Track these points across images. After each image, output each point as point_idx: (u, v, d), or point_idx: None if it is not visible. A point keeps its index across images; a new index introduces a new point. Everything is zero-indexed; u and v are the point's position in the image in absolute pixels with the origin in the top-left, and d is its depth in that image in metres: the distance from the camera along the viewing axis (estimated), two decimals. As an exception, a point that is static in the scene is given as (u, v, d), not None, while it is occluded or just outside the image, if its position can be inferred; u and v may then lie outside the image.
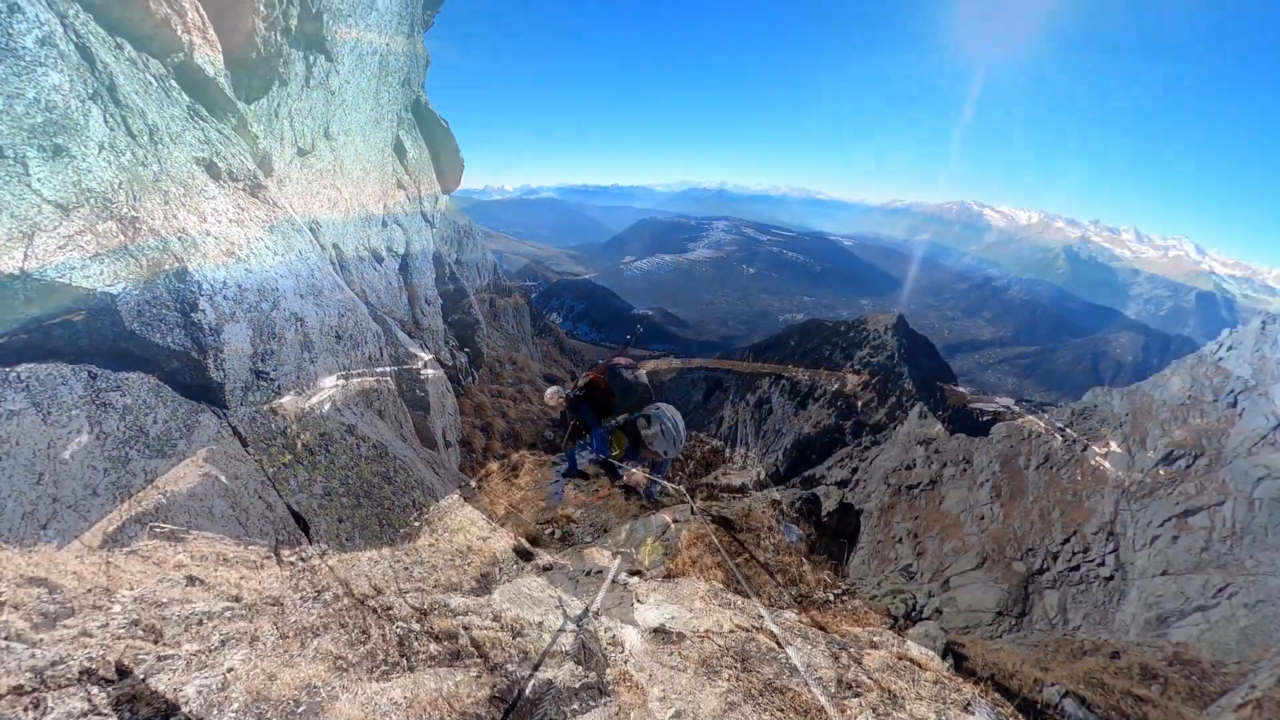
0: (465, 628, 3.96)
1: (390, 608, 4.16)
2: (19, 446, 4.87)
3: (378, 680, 3.22)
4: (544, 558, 7.31)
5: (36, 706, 2.19)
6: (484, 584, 6.49)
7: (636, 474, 10.46)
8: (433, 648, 3.63)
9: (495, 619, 4.27)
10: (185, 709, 2.45)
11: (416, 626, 3.84)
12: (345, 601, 4.26)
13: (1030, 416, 24.02)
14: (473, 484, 14.65)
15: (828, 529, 8.42)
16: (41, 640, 2.75)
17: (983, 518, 20.24)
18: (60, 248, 5.75)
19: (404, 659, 3.49)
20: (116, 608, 3.30)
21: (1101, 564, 15.90)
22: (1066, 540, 17.03)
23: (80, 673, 2.46)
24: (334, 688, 3.00)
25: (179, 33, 9.45)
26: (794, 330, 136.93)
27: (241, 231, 8.64)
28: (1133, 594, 14.56)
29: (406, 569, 6.53)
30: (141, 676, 2.59)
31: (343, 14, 16.62)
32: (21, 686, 2.27)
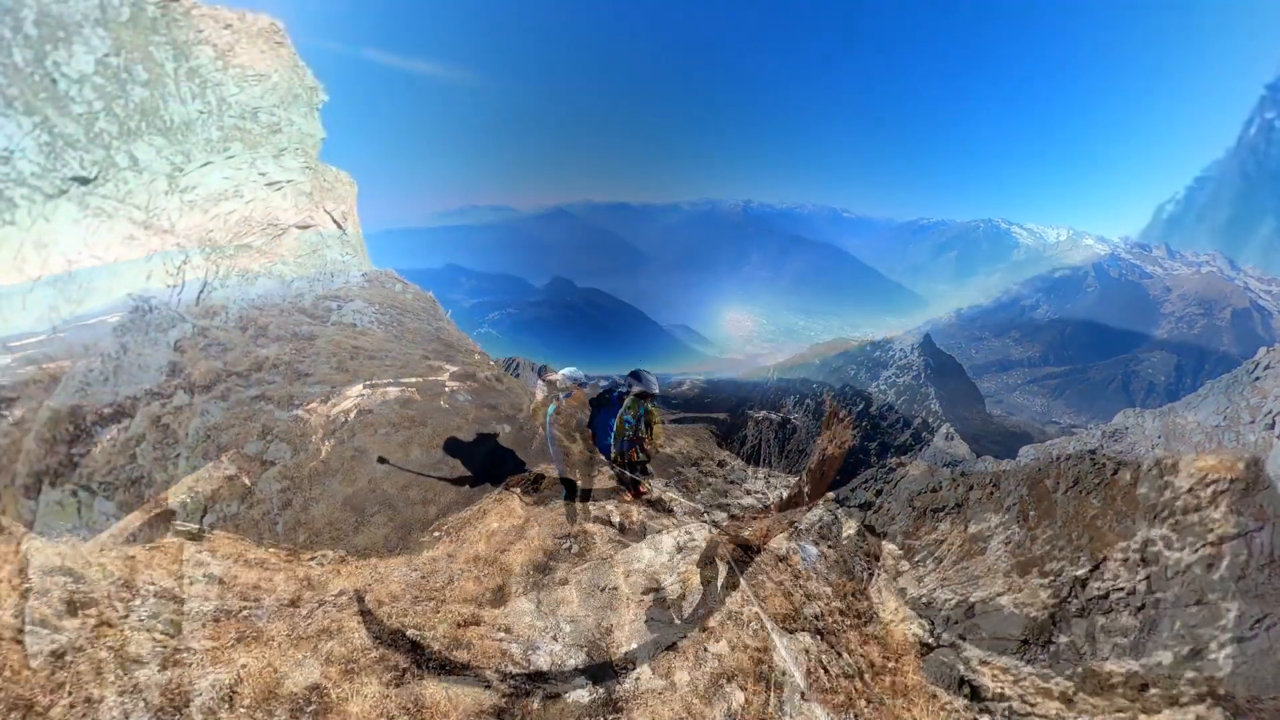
0: (478, 638, 3.97)
1: (404, 615, 4.18)
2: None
3: (388, 685, 3.23)
4: (560, 572, 7.28)
5: (56, 690, 2.24)
6: (499, 596, 6.48)
7: (655, 488, 10.43)
8: (444, 656, 3.64)
9: (508, 631, 4.27)
10: (197, 702, 2.48)
11: (429, 635, 3.85)
12: (359, 607, 4.29)
13: (1060, 438, 23.45)
14: (493, 496, 14.66)
15: (849, 551, 8.29)
16: (63, 626, 2.81)
17: (1009, 542, 19.75)
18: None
19: (415, 666, 3.50)
20: (137, 600, 3.36)
21: (1132, 592, 15.37)
22: (1096, 567, 16.50)
23: (98, 660, 2.52)
24: (344, 690, 3.02)
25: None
26: (819, 349, 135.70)
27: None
28: (1164, 623, 14.03)
29: (423, 578, 6.56)
30: (157, 668, 2.63)
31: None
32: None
